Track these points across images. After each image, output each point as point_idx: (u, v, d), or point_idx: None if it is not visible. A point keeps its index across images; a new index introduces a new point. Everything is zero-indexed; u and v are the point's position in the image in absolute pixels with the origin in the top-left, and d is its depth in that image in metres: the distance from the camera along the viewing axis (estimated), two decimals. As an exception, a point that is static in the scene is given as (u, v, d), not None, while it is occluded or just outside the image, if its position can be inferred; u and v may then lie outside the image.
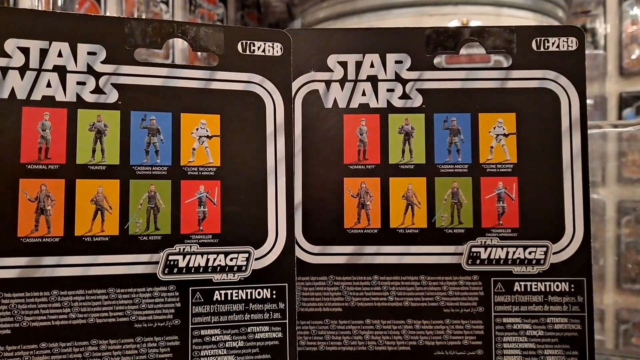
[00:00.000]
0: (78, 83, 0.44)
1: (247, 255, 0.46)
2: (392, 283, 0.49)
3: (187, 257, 0.45)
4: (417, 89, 0.50)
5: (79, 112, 0.44)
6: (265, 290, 0.46)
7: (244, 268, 0.46)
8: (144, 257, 0.44)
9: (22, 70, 0.43)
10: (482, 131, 0.50)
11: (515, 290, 0.49)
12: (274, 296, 0.46)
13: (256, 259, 0.46)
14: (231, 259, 0.46)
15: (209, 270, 0.45)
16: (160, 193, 0.45)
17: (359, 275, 0.49)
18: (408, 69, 0.50)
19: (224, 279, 0.45)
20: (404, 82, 0.50)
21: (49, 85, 0.43)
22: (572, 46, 0.50)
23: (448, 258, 0.49)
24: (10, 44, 0.43)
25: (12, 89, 0.43)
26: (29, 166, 0.42)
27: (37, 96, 0.43)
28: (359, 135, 0.50)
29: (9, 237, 0.41)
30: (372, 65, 0.50)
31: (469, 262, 0.49)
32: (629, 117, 1.28)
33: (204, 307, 0.45)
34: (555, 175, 0.49)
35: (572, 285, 0.49)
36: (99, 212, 0.43)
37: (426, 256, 0.49)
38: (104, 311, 0.42)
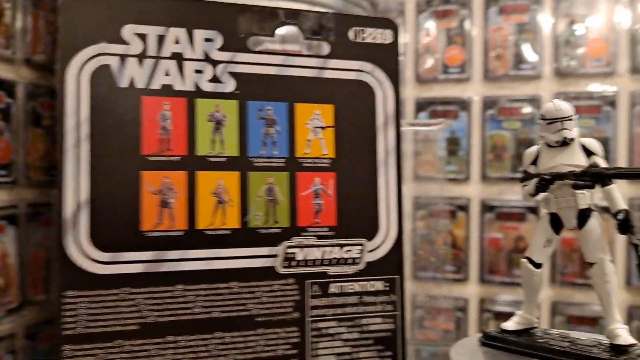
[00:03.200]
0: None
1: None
2: (198, 292, 0.41)
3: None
4: (229, 72, 0.43)
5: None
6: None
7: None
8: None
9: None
10: (299, 122, 0.45)
11: (331, 292, 0.44)
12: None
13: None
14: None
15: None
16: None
17: (160, 285, 0.41)
18: (219, 49, 0.43)
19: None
20: (214, 63, 0.43)
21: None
22: (387, 39, 0.47)
23: (262, 261, 0.43)
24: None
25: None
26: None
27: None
28: (161, 121, 0.41)
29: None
30: (177, 42, 0.42)
31: (285, 265, 0.43)
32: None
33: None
34: (371, 171, 0.46)
35: (387, 284, 0.46)
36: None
37: (238, 260, 0.42)
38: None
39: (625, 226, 0.39)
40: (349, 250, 0.45)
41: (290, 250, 0.44)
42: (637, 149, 1.23)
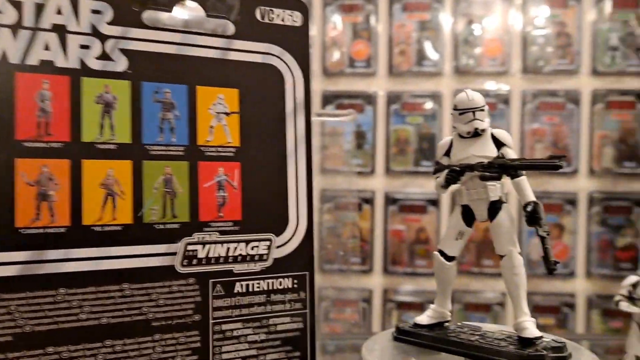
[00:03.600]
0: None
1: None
2: (85, 297, 0.36)
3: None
4: (120, 49, 0.38)
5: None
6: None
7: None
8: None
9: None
10: (201, 107, 0.41)
11: (236, 291, 0.41)
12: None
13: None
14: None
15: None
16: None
17: (38, 289, 0.35)
18: (109, 23, 0.38)
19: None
20: (103, 38, 0.38)
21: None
22: (297, 21, 0.44)
23: (159, 260, 0.38)
24: None
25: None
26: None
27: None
28: (39, 102, 0.36)
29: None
30: (59, 12, 0.37)
31: (184, 263, 0.39)
32: (329, 113, 1.35)
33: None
34: (279, 161, 0.43)
35: (295, 281, 0.43)
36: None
37: (131, 259, 0.38)
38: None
39: (533, 218, 0.39)
40: (256, 247, 0.42)
41: (190, 248, 0.39)
42: (528, 144, 1.29)
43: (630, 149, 1.25)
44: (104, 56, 0.38)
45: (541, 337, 0.39)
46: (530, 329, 0.39)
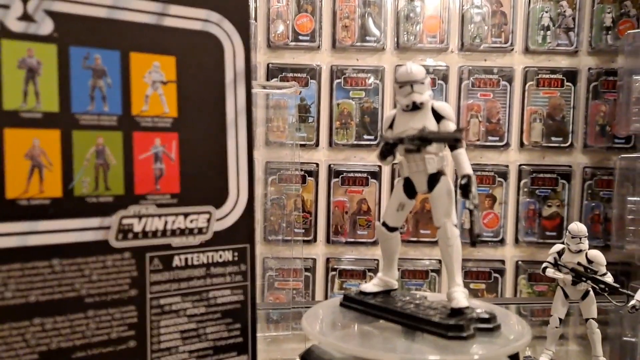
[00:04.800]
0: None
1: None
2: (10, 274, 0.33)
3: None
4: (45, 10, 0.35)
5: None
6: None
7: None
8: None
9: None
10: (135, 75, 0.38)
11: (174, 265, 0.39)
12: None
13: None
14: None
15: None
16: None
17: (-44, 267, 0.32)
18: (32, -19, 0.34)
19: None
20: (25, -2, 0.34)
21: None
22: (237, -12, 0.42)
23: (91, 234, 0.36)
24: None
25: None
26: None
27: None
28: (-48, 65, 0.32)
29: None
30: (-27, -34, 0.33)
31: (119, 237, 0.37)
32: (273, 86, 1.32)
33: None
34: (219, 133, 0.41)
35: (236, 254, 0.41)
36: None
37: (61, 234, 0.35)
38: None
39: (465, 191, 0.38)
40: (195, 220, 0.39)
41: (126, 222, 0.37)
42: (464, 119, 1.31)
43: (557, 125, 1.29)
44: (26, 17, 0.34)
45: (468, 307, 0.39)
46: (458, 299, 0.39)
